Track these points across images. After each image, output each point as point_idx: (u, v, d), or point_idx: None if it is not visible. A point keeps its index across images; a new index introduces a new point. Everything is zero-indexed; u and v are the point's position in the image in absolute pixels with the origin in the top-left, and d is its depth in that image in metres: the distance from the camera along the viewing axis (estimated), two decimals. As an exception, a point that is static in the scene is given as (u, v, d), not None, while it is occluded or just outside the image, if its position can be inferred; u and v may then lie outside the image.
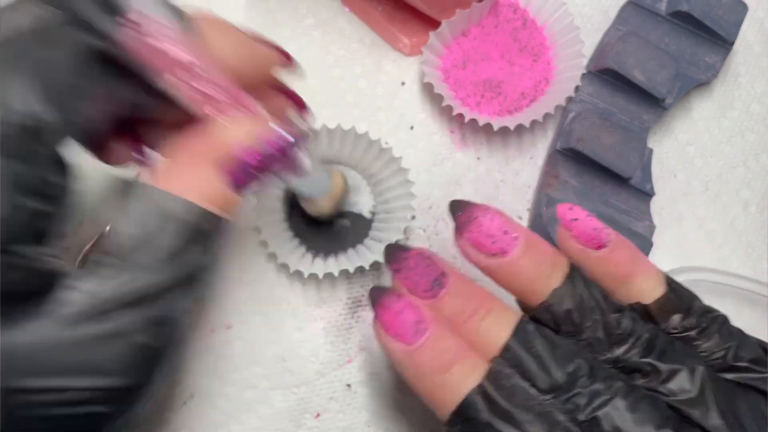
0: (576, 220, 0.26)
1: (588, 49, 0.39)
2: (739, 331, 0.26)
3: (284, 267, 0.33)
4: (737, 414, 0.23)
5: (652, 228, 0.36)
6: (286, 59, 0.28)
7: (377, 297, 0.26)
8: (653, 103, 0.37)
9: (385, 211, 0.35)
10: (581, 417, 0.23)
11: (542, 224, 0.35)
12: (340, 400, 0.34)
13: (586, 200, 0.36)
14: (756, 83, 0.41)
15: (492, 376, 0.23)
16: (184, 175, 0.22)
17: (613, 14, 0.40)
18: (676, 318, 0.25)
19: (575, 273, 0.25)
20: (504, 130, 0.38)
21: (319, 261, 0.34)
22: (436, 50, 0.37)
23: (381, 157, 0.35)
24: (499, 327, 0.25)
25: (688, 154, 0.40)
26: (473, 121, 0.36)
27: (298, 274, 0.33)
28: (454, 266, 0.26)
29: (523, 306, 0.27)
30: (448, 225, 0.37)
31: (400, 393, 0.34)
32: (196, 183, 0.21)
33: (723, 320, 0.25)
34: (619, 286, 0.26)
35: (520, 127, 0.37)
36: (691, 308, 0.25)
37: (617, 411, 0.23)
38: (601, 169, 0.36)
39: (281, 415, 0.33)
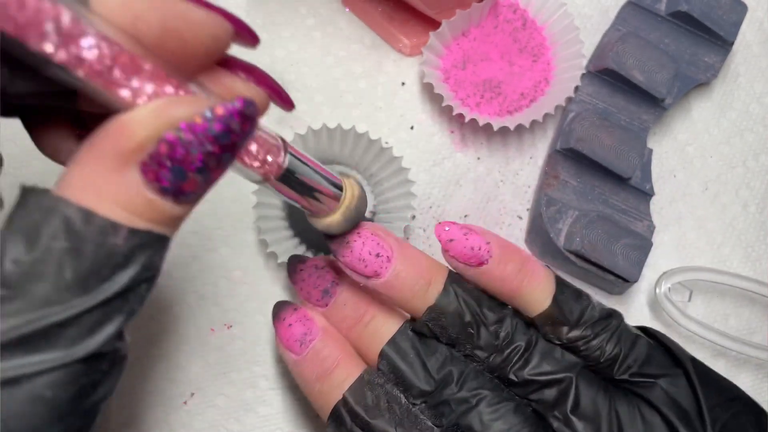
0: (452, 240, 0.26)
1: (588, 49, 0.39)
2: (632, 338, 0.26)
3: (284, 266, 0.33)
4: (599, 422, 0.24)
5: (651, 228, 0.36)
6: (238, 28, 0.21)
7: (275, 312, 0.28)
8: (653, 103, 0.38)
9: (385, 211, 0.35)
10: (446, 423, 0.25)
11: (542, 224, 0.35)
12: (340, 400, 0.34)
13: (586, 200, 0.36)
14: (755, 83, 0.41)
15: (354, 389, 0.25)
16: (93, 180, 0.16)
17: (612, 14, 0.40)
18: (563, 330, 0.26)
19: (451, 289, 0.26)
20: (504, 130, 0.38)
21: (319, 261, 0.34)
22: (436, 51, 0.37)
23: (381, 157, 0.35)
24: (381, 333, 0.26)
25: (688, 154, 0.40)
26: (473, 121, 0.36)
27: (298, 273, 0.33)
28: (344, 274, 0.27)
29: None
30: (448, 225, 0.37)
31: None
32: (109, 189, 0.16)
33: (615, 328, 0.26)
34: (508, 299, 0.27)
35: (520, 127, 0.37)
36: (580, 319, 0.26)
37: (479, 419, 0.24)
38: (601, 169, 0.36)
39: (281, 415, 0.33)
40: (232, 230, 0.35)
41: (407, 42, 0.38)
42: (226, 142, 0.16)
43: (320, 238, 0.34)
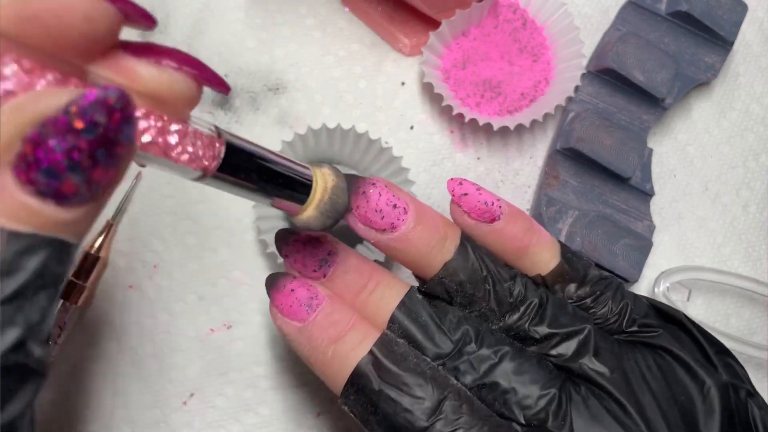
0: (466, 195, 0.26)
1: (588, 49, 0.39)
2: (632, 295, 0.27)
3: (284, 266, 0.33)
4: (622, 367, 0.25)
5: (652, 228, 0.36)
6: (127, 9, 0.18)
7: (272, 281, 0.26)
8: (653, 103, 0.38)
9: (385, 211, 0.35)
10: (470, 381, 0.24)
11: (542, 224, 0.35)
12: (340, 400, 0.34)
13: (586, 200, 0.36)
14: (755, 83, 0.41)
15: (382, 343, 0.24)
16: None
17: (613, 14, 0.40)
18: (571, 287, 0.27)
19: (467, 244, 0.26)
20: (504, 130, 0.38)
21: (319, 261, 0.34)
22: (436, 50, 0.37)
23: (381, 157, 0.35)
24: (387, 299, 0.25)
25: (688, 154, 0.40)
26: (473, 121, 0.36)
27: (298, 273, 0.33)
28: (340, 244, 0.27)
29: (420, 278, 0.27)
30: (448, 225, 0.37)
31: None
32: None
33: (617, 286, 0.27)
34: (516, 259, 0.27)
35: (520, 127, 0.37)
36: (585, 277, 0.27)
37: (504, 374, 0.24)
38: (601, 169, 0.36)
39: (281, 415, 0.33)
40: (232, 230, 0.35)
41: (407, 42, 0.38)
42: (94, 137, 0.15)
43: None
